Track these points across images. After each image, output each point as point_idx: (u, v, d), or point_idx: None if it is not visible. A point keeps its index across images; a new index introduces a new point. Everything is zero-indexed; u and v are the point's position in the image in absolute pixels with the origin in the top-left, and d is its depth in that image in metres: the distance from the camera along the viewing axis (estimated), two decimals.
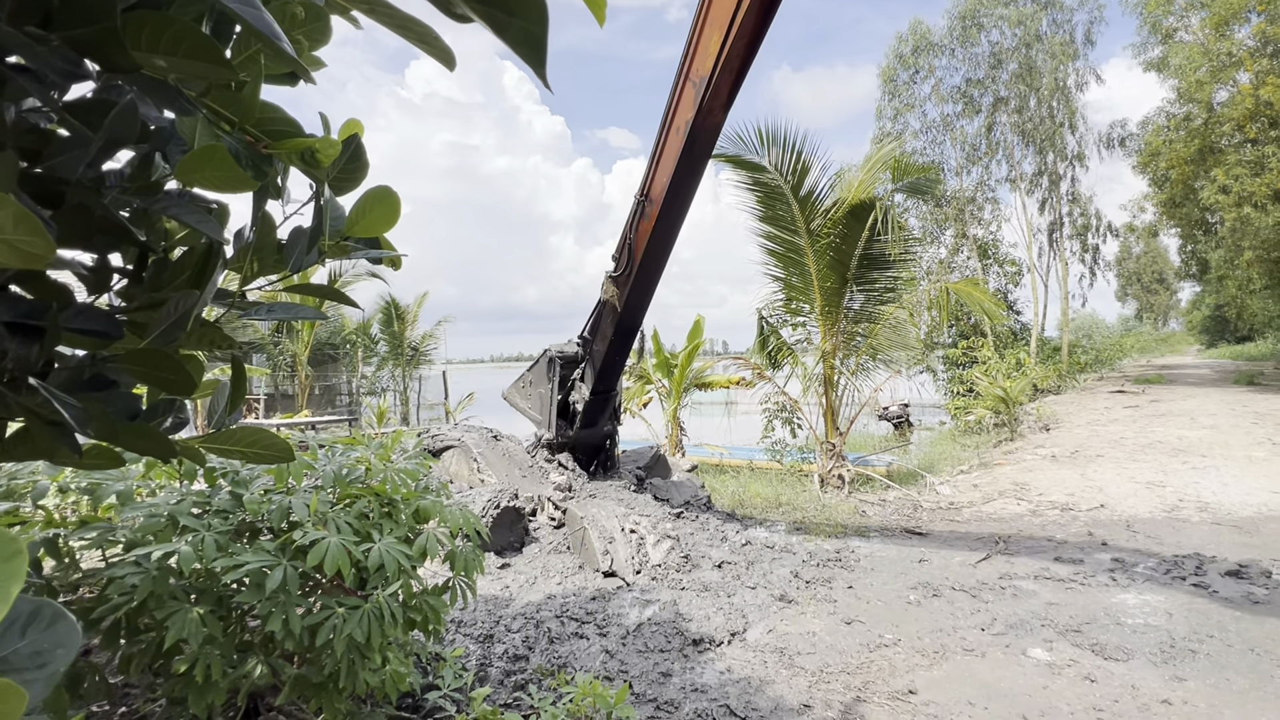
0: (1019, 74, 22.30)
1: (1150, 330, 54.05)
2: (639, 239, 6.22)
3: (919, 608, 4.46)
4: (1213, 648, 3.70)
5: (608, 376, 7.25)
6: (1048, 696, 3.26)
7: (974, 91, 23.26)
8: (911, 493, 8.28)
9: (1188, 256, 27.43)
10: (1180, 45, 21.27)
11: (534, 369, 7.84)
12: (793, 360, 9.36)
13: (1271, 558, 5.08)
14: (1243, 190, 17.80)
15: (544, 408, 7.51)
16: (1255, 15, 19.72)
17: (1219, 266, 23.92)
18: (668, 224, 6.11)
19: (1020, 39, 22.12)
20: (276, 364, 19.10)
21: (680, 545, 5.35)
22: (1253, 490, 7.20)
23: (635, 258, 6.25)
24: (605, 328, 6.91)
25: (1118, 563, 5.13)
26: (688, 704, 3.21)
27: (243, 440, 1.31)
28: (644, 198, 6.06)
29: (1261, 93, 18.00)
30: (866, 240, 8.57)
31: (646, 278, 6.45)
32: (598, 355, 7.07)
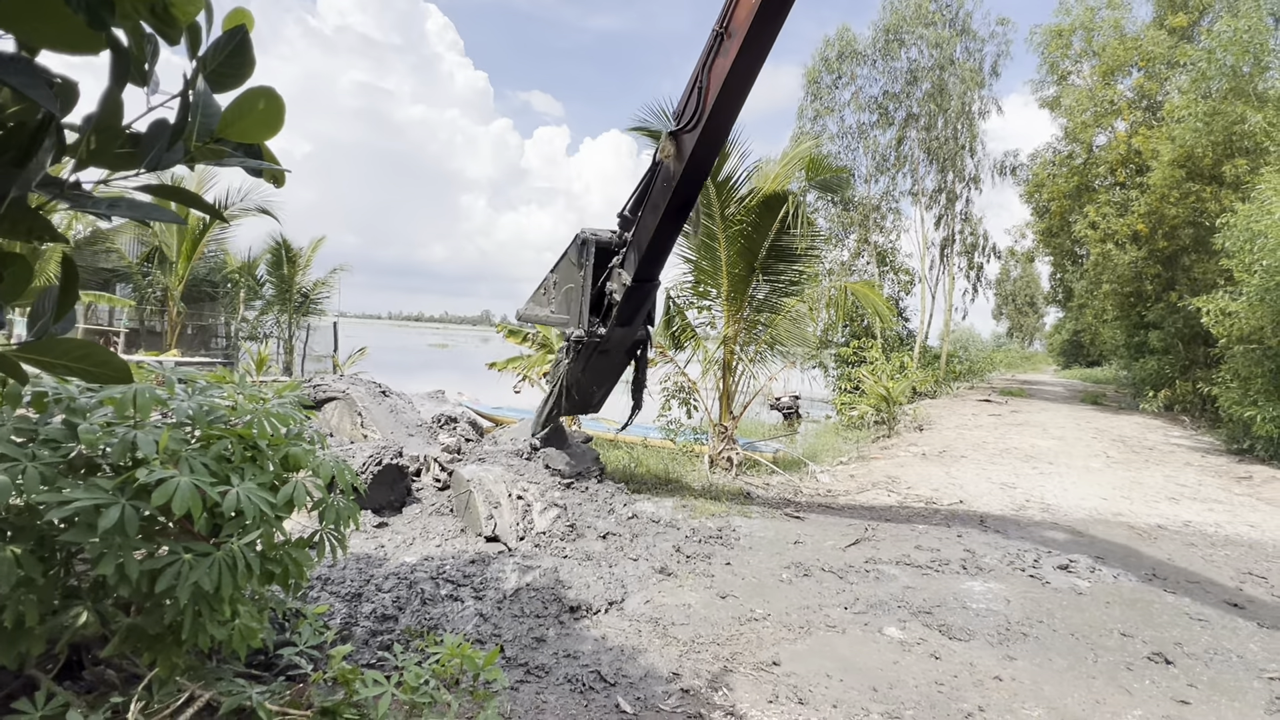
0: (931, 94, 23.48)
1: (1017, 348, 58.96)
2: (713, 80, 5.42)
3: (790, 586, 4.66)
4: (1041, 631, 4.08)
5: (653, 261, 6.43)
6: (897, 671, 3.49)
7: (889, 104, 24.31)
8: (794, 479, 8.65)
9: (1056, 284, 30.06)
10: (1072, 88, 23.06)
11: (558, 264, 7.00)
12: (695, 343, 9.51)
13: (1096, 555, 5.67)
14: (1108, 228, 19.61)
15: (573, 300, 6.62)
16: (1136, 70, 21.67)
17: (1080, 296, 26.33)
18: (750, 61, 5.33)
19: (936, 60, 23.28)
20: (144, 296, 17.44)
21: (567, 514, 5.33)
22: (1086, 496, 8.01)
23: (706, 103, 5.46)
24: (657, 197, 6.06)
25: (969, 553, 5.57)
26: (560, 669, 3.21)
27: (69, 353, 1.15)
28: (722, 30, 5.31)
29: (1134, 141, 19.84)
30: (776, 232, 8.78)
31: (717, 130, 5.67)
32: (644, 232, 6.22)
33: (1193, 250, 17.43)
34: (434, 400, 8.42)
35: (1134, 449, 11.86)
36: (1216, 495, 8.45)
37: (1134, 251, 18.85)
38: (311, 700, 2.32)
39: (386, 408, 6.61)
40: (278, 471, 2.40)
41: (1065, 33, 23.21)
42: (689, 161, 5.68)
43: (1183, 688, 3.51)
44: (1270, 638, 4.25)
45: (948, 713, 3.08)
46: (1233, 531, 6.75)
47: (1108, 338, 25.00)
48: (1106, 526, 6.72)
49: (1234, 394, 11.86)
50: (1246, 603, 4.83)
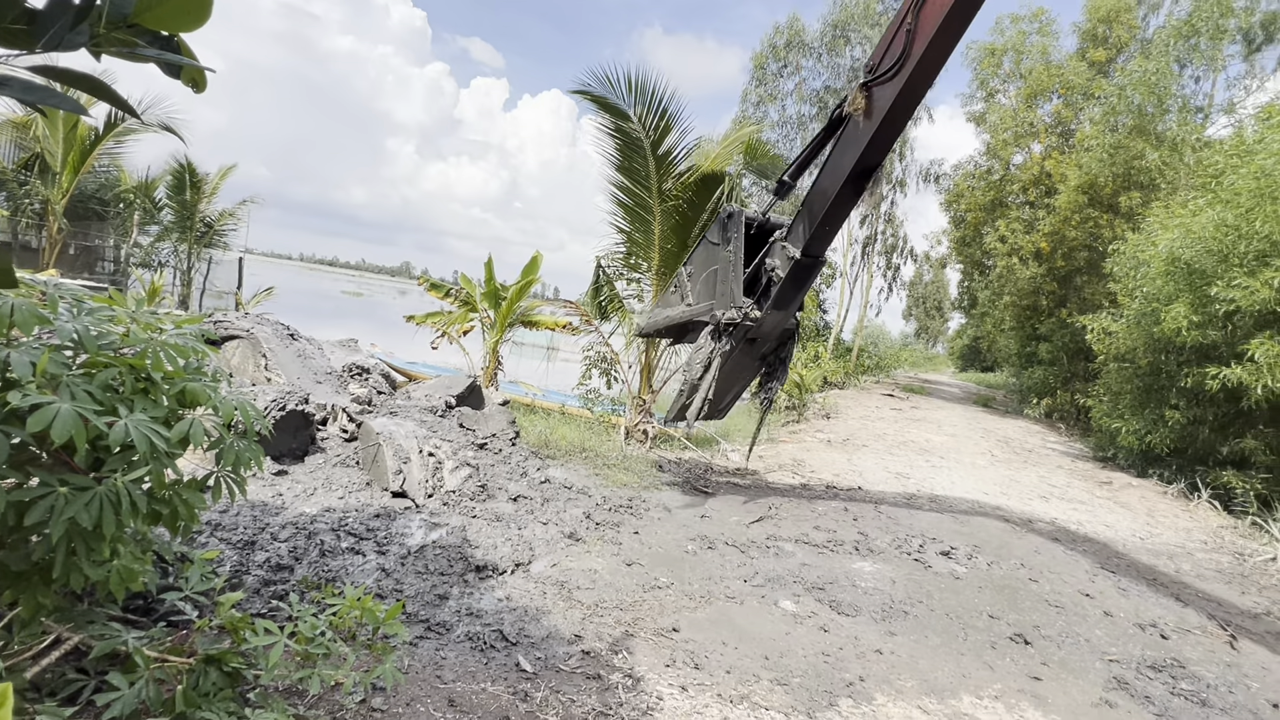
0: None
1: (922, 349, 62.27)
2: (924, 22, 4.69)
3: (694, 557, 4.79)
4: (920, 611, 4.38)
5: (827, 233, 5.68)
6: (788, 641, 3.66)
7: (830, 99, 24.78)
8: (706, 456, 8.86)
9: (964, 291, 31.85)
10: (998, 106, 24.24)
11: (691, 255, 6.44)
12: (622, 314, 9.51)
13: (974, 544, 6.11)
14: (1015, 243, 20.88)
15: (720, 281, 5.89)
16: (1056, 96, 22.99)
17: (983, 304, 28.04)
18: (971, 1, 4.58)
19: None
20: (20, 207, 15.76)
21: (479, 475, 5.26)
22: (971, 490, 8.61)
23: (913, 49, 4.73)
24: (841, 157, 5.31)
25: (862, 536, 5.89)
26: (461, 627, 3.19)
27: None
28: None
29: (1046, 164, 21.10)
30: (712, 212, 8.85)
31: (923, 80, 4.92)
32: (820, 198, 5.49)
33: (1086, 272, 18.80)
34: (345, 349, 8.06)
35: (1015, 450, 12.81)
36: (1081, 496, 9.27)
37: (1035, 268, 20.16)
38: (195, 648, 2.21)
39: (294, 352, 6.28)
40: (172, 407, 2.24)
41: (998, 52, 24.30)
42: (886, 115, 4.99)
43: (1037, 666, 3.86)
44: (1113, 624, 4.73)
45: (831, 681, 3.27)
46: (1091, 530, 7.43)
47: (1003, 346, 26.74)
48: (985, 518, 7.24)
49: (1105, 406, 12.98)
50: (1096, 593, 5.34)
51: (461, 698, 2.65)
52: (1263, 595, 6.02)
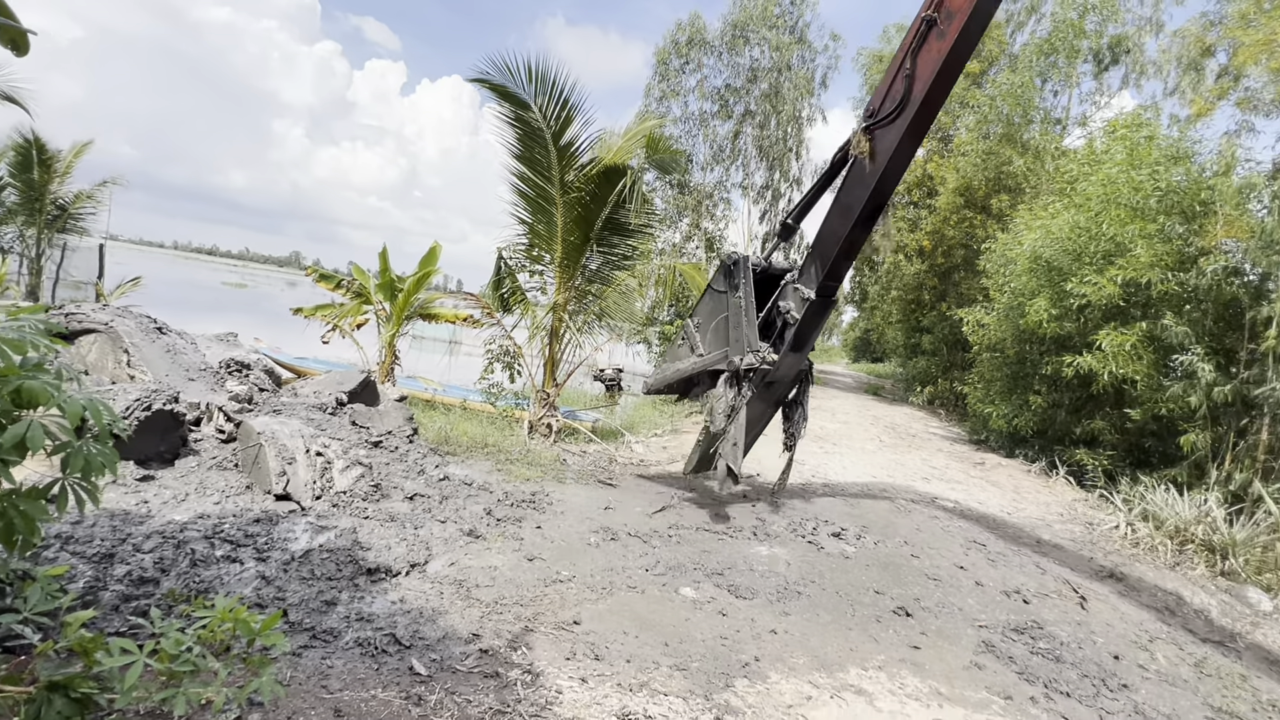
0: (768, 94, 24.90)
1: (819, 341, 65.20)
2: (922, 67, 4.98)
3: (597, 549, 4.80)
4: (813, 590, 4.58)
5: (839, 272, 5.83)
6: (688, 627, 3.74)
7: (730, 98, 25.41)
8: (610, 448, 8.89)
9: (856, 286, 33.51)
10: None
11: (696, 308, 6.50)
12: (524, 307, 9.37)
13: (863, 525, 6.46)
14: (900, 241, 22.18)
15: (733, 327, 5.90)
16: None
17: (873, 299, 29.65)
18: (968, 43, 4.91)
19: (775, 63, 24.68)
20: None
21: (372, 474, 5.05)
22: (861, 474, 9.09)
23: (913, 93, 5.01)
24: (849, 198, 5.53)
25: (760, 521, 6.09)
26: (350, 633, 3.05)
27: None
28: (933, 15, 4.92)
29: (928, 166, 22.51)
30: (613, 205, 8.86)
31: (925, 121, 5.17)
32: (830, 239, 5.66)
33: (963, 268, 20.23)
34: (224, 344, 7.51)
35: (901, 435, 13.65)
36: (958, 477, 9.99)
37: (918, 264, 21.50)
38: (36, 674, 1.99)
39: (162, 346, 5.78)
40: (5, 407, 2.00)
41: (885, 59, 25.61)
42: (892, 157, 5.23)
43: (916, 636, 4.13)
44: (983, 593, 5.13)
45: (728, 663, 3.36)
46: (966, 507, 8.03)
47: (891, 338, 28.38)
48: (874, 500, 7.67)
49: (978, 393, 14.06)
50: (969, 565, 5.77)
51: (349, 706, 2.53)
52: (1108, 559, 6.71)
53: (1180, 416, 9.01)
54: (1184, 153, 10.40)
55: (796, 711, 3.04)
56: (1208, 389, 8.36)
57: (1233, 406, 8.45)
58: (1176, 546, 7.17)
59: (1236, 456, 8.39)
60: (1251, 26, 9.40)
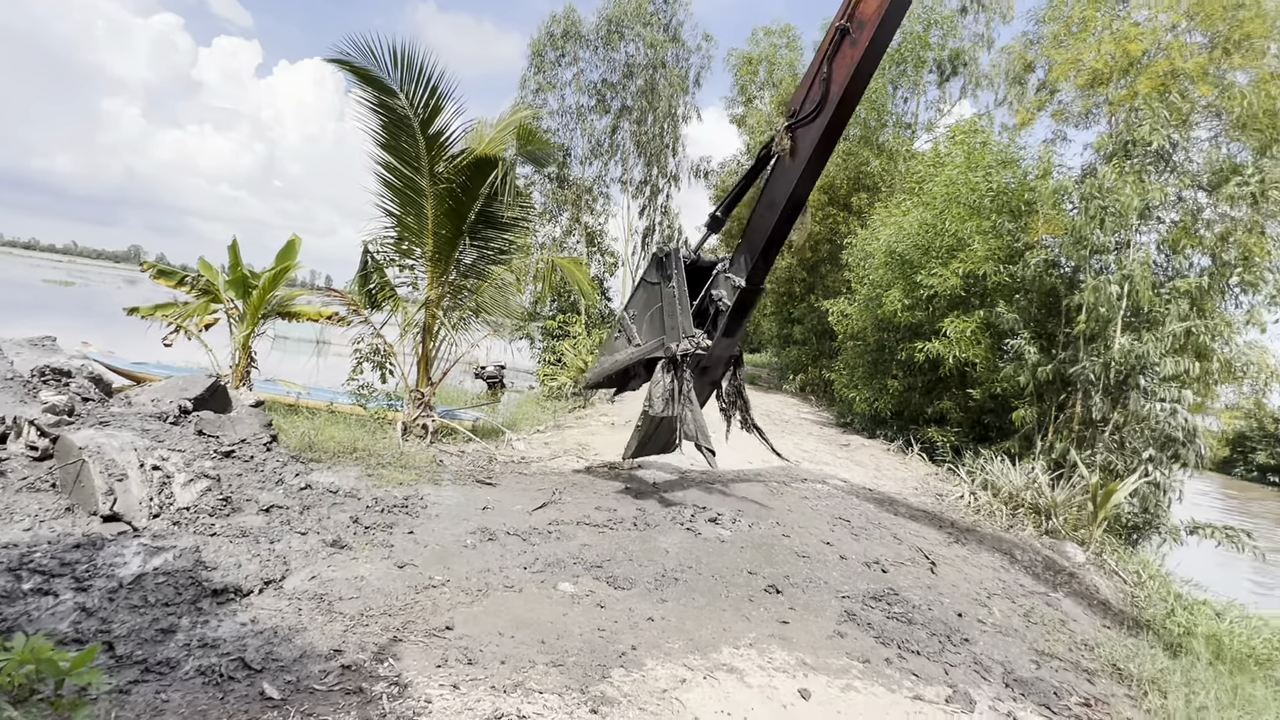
0: (644, 90, 25.21)
1: None
2: (838, 72, 5.42)
3: (474, 551, 4.67)
4: (689, 576, 4.70)
5: (767, 263, 6.25)
6: (566, 623, 3.72)
7: (608, 93, 25.51)
8: (490, 447, 8.70)
9: None
10: (756, 111, 26.67)
11: (631, 299, 6.72)
12: (395, 303, 8.95)
13: (738, 509, 6.70)
14: None
15: (667, 316, 6.13)
16: None
17: None
18: (878, 50, 5.39)
19: (650, 60, 25.02)
20: None
21: (221, 486, 4.64)
22: (737, 461, 9.43)
23: (830, 94, 5.45)
24: (774, 193, 5.94)
25: (640, 511, 6.17)
26: (191, 661, 2.78)
27: None
28: (846, 24, 5.37)
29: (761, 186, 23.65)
30: (487, 198, 8.64)
31: (841, 121, 5.64)
32: (759, 232, 6.06)
33: (828, 262, 21.47)
34: (38, 349, 6.63)
35: (776, 421, 14.30)
36: (826, 458, 10.61)
37: (789, 258, 22.58)
38: None
39: None
40: None
41: (754, 61, 26.68)
42: (812, 154, 5.63)
43: (786, 611, 4.34)
44: (846, 566, 5.48)
45: (605, 655, 3.38)
46: (833, 487, 8.54)
47: (766, 329, 29.67)
48: (749, 484, 7.99)
49: (844, 379, 15.01)
50: (835, 540, 6.15)
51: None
52: (954, 527, 7.37)
53: (1012, 394, 10.05)
54: (1012, 158, 11.59)
55: (671, 695, 3.10)
56: (1033, 369, 9.38)
57: (1053, 384, 9.53)
58: (1010, 511, 7.99)
59: (1057, 428, 9.47)
60: (1062, 47, 10.60)
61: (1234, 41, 8.88)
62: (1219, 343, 8.84)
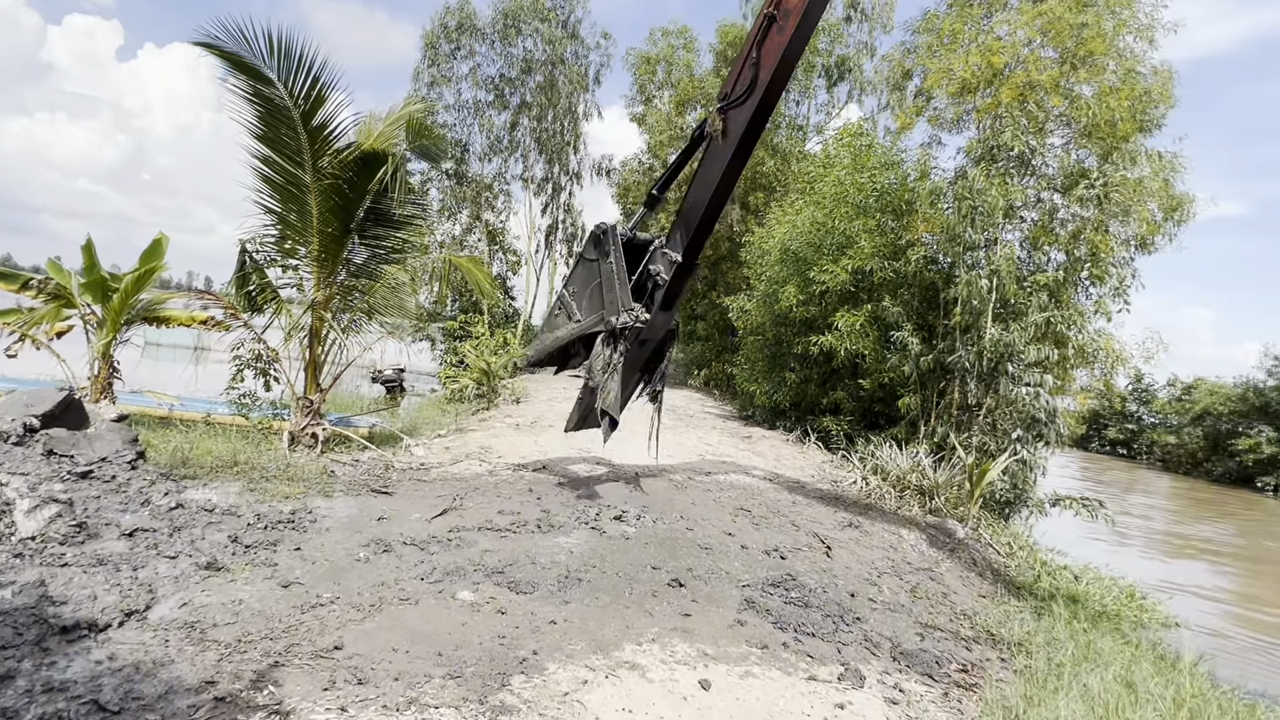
0: (543, 86, 24.92)
1: None
2: (766, 57, 5.74)
3: (367, 564, 4.46)
4: (593, 575, 4.69)
5: (702, 239, 6.48)
6: (464, 632, 3.61)
7: (506, 88, 25.02)
8: (387, 454, 8.35)
9: None
10: (655, 110, 26.94)
11: (571, 276, 6.92)
12: (278, 305, 8.41)
13: (643, 505, 6.76)
14: None
15: (606, 291, 6.33)
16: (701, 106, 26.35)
17: None
18: (805, 35, 5.73)
19: (549, 56, 24.74)
20: None
21: (74, 512, 4.21)
22: (643, 456, 9.49)
23: (759, 78, 5.76)
24: (708, 172, 6.20)
25: (545, 513, 6.10)
26: (34, 709, 2.50)
27: None
28: (774, 11, 5.67)
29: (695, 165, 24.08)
30: (377, 194, 8.28)
31: (770, 103, 5.94)
32: (694, 209, 6.29)
33: (728, 259, 22.01)
34: None
35: (680, 416, 14.53)
36: (728, 451, 10.88)
37: None
38: None
39: None
40: None
41: (653, 61, 26.91)
42: (743, 134, 5.89)
43: (688, 603, 4.41)
44: (748, 555, 5.63)
45: (506, 662, 3.31)
46: (735, 479, 8.77)
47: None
48: (654, 480, 8.08)
49: (744, 373, 15.44)
50: (736, 531, 6.31)
51: None
52: (848, 511, 7.73)
53: (898, 383, 10.66)
54: (894, 160, 12.26)
55: (572, 698, 3.08)
56: (916, 359, 9.99)
57: (934, 372, 10.18)
58: (898, 493, 8.48)
59: (938, 414, 10.13)
60: (935, 57, 11.32)
61: (1080, 57, 9.77)
62: (1073, 331, 9.71)
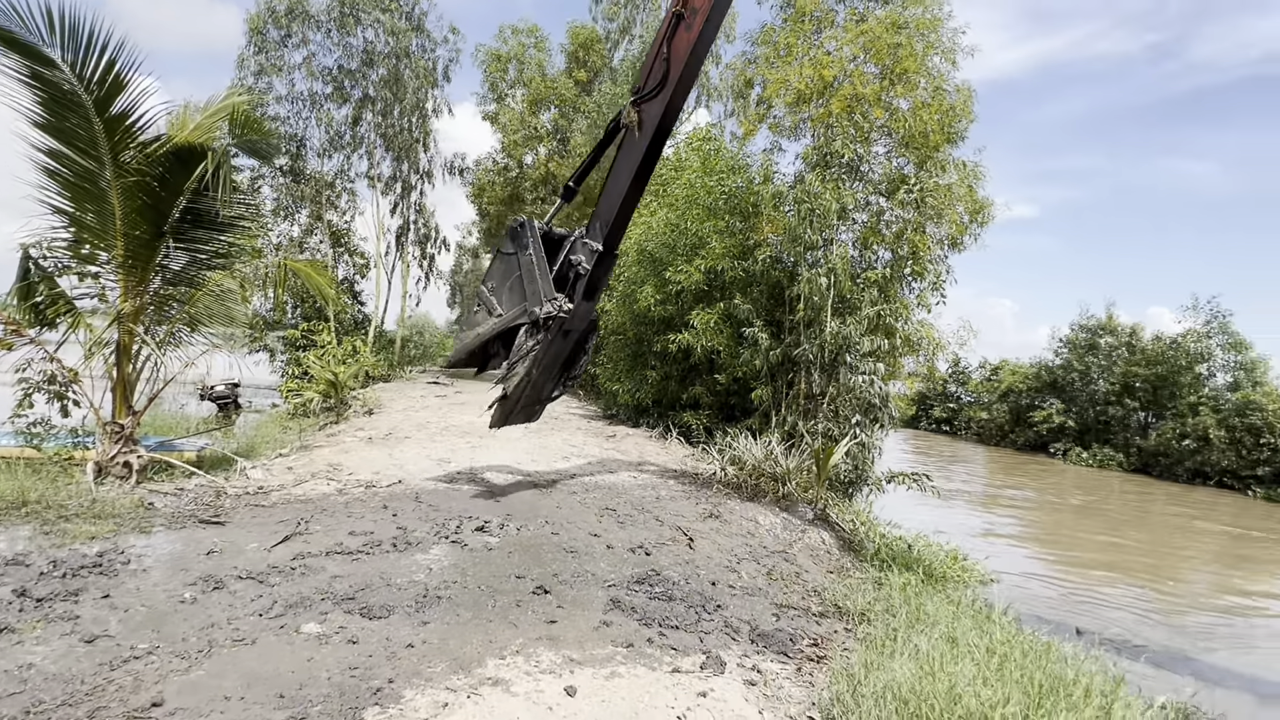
0: (388, 80, 23.68)
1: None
2: (676, 52, 6.10)
3: (193, 605, 4.02)
4: (454, 591, 4.52)
5: (621, 228, 6.69)
6: (311, 668, 3.35)
7: (346, 80, 23.51)
8: (219, 479, 7.56)
9: None
10: (508, 109, 26.50)
11: (490, 271, 6.97)
12: (74, 319, 7.35)
13: (507, 513, 6.62)
14: None
15: (528, 282, 6.41)
16: (554, 107, 26.26)
17: None
18: (711, 31, 6.08)
19: (392, 49, 23.55)
20: None
21: None
22: (507, 462, 9.34)
23: (670, 74, 6.12)
24: (624, 162, 6.44)
25: (401, 530, 5.80)
26: None
27: None
28: (682, 9, 6.03)
29: (550, 165, 23.99)
30: (196, 192, 7.47)
31: (682, 95, 6.31)
32: (612, 198, 6.50)
33: None
34: None
35: (545, 419, 14.36)
36: (594, 451, 10.94)
37: None
38: None
39: None
40: None
41: (504, 59, 26.48)
42: (659, 125, 6.20)
43: (553, 610, 4.37)
44: (613, 554, 5.68)
45: (358, 695, 3.11)
46: (601, 479, 8.83)
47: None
48: (519, 487, 7.94)
49: (607, 372, 15.59)
50: (602, 531, 6.35)
51: None
52: (709, 502, 8.02)
53: (751, 377, 11.22)
54: (741, 164, 12.87)
55: None
56: (766, 353, 10.56)
57: (783, 365, 10.82)
58: (754, 481, 8.91)
59: (788, 404, 10.77)
60: (773, 68, 12.02)
61: (896, 74, 10.76)
62: (900, 322, 10.70)
